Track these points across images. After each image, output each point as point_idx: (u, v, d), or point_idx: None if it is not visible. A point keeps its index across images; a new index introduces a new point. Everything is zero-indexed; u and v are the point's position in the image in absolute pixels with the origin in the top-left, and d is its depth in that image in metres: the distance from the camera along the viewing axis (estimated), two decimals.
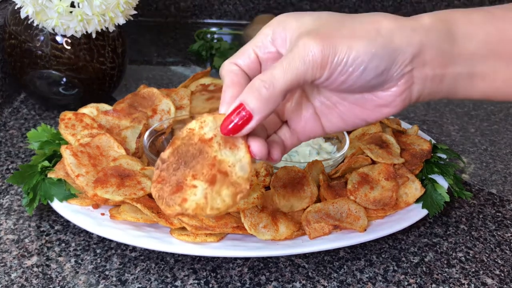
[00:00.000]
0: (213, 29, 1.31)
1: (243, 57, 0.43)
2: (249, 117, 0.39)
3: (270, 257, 0.60)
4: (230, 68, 0.43)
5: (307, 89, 0.46)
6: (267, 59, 0.43)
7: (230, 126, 0.39)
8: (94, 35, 0.82)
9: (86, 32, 0.80)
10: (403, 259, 0.61)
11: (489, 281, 0.59)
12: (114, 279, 0.56)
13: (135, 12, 0.84)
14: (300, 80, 0.39)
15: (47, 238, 0.62)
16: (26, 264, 0.58)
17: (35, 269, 0.57)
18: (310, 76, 0.39)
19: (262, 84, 0.39)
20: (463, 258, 0.62)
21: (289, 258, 0.60)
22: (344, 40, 0.39)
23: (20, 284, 0.55)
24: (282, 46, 0.42)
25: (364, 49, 0.39)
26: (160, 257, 0.60)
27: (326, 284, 0.57)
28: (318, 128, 0.46)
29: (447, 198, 0.64)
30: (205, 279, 0.57)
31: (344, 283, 0.57)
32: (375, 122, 0.46)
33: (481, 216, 0.69)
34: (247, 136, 0.41)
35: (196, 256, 0.60)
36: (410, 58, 0.41)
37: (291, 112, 0.46)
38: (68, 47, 0.82)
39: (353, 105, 0.44)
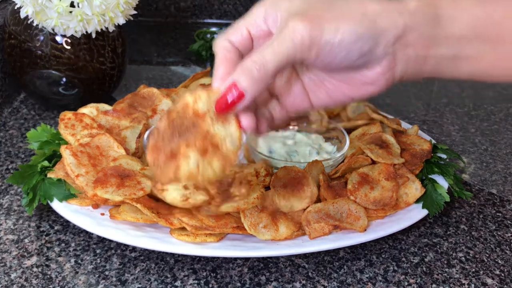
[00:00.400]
0: (213, 29, 1.31)
1: (236, 34, 0.45)
2: (241, 96, 0.41)
3: (270, 257, 0.60)
4: (223, 44, 0.44)
5: (297, 67, 0.48)
6: (259, 36, 0.45)
7: (224, 104, 0.42)
8: (94, 35, 0.82)
9: (86, 32, 0.80)
10: (403, 259, 0.61)
11: (489, 281, 0.59)
12: (114, 279, 0.56)
13: (135, 12, 0.84)
14: (289, 61, 0.41)
15: (46, 238, 0.62)
16: (26, 264, 0.58)
17: (34, 269, 0.57)
18: (299, 56, 0.41)
19: (253, 65, 0.41)
20: (463, 258, 0.62)
21: (289, 258, 0.60)
22: (332, 22, 0.41)
23: (20, 284, 0.55)
24: (273, 26, 0.44)
25: (350, 30, 0.41)
26: (160, 257, 0.60)
27: (326, 284, 0.57)
28: (306, 102, 0.48)
29: (447, 198, 0.64)
30: (205, 279, 0.57)
31: (344, 283, 0.57)
32: (360, 100, 0.48)
33: (481, 216, 0.69)
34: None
35: (196, 256, 0.60)
36: (393, 39, 0.42)
37: (281, 87, 0.48)
38: (68, 47, 0.82)
39: (340, 83, 0.46)
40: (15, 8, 0.82)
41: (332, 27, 0.41)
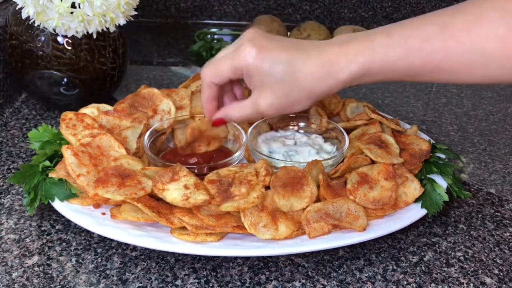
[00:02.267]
0: (213, 29, 1.31)
1: (219, 78, 0.61)
2: (224, 122, 0.65)
3: (270, 257, 0.60)
4: (208, 88, 0.63)
5: None
6: (236, 80, 0.65)
7: (216, 124, 0.66)
8: (94, 36, 0.82)
9: (87, 32, 0.80)
10: (402, 258, 0.62)
11: (488, 280, 0.59)
12: (115, 278, 0.57)
13: (136, 12, 0.84)
14: (251, 117, 0.62)
15: (48, 237, 0.62)
16: (27, 263, 0.58)
17: (36, 268, 0.58)
18: (259, 117, 0.63)
19: (230, 116, 0.64)
20: (462, 257, 0.62)
21: (289, 257, 0.61)
22: (288, 98, 0.58)
23: (21, 284, 0.55)
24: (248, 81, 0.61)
25: (301, 106, 0.60)
26: (160, 257, 0.60)
27: (325, 283, 0.57)
28: None
29: (446, 198, 0.65)
30: (205, 278, 0.57)
31: (344, 282, 0.58)
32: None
33: (480, 215, 0.70)
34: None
35: (197, 256, 0.60)
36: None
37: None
38: (69, 48, 0.82)
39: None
40: (17, 8, 0.82)
41: (285, 111, 0.59)
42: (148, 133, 0.71)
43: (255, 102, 0.59)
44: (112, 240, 0.62)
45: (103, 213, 0.60)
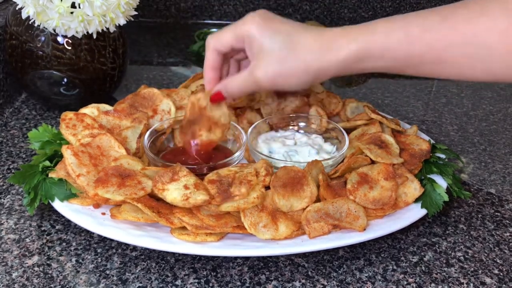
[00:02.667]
0: (213, 29, 1.31)
1: (222, 39, 0.62)
2: (222, 98, 0.65)
3: (270, 257, 0.60)
4: (212, 55, 0.63)
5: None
6: (240, 48, 0.63)
7: (214, 100, 0.65)
8: (95, 36, 0.82)
9: (87, 32, 0.80)
10: (402, 258, 0.62)
11: (488, 280, 0.59)
12: (115, 278, 0.57)
13: (136, 12, 0.84)
14: (248, 93, 0.64)
15: (48, 237, 0.62)
16: (27, 263, 0.58)
17: (36, 268, 0.58)
18: (256, 90, 0.65)
19: (227, 87, 0.63)
20: (462, 257, 0.62)
21: (289, 257, 0.61)
22: (282, 77, 0.58)
23: (21, 284, 0.55)
24: (248, 48, 0.61)
25: (295, 84, 0.59)
26: (160, 257, 0.60)
27: (325, 283, 0.57)
28: None
29: (446, 198, 0.65)
30: (205, 278, 0.57)
31: (344, 282, 0.58)
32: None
33: (480, 215, 0.70)
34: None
35: (197, 256, 0.60)
36: (325, 79, 0.59)
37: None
38: (69, 48, 0.82)
39: None
40: (17, 8, 0.82)
41: (282, 83, 0.58)
42: (148, 133, 0.71)
43: (252, 71, 0.59)
44: (112, 240, 0.62)
45: (103, 213, 0.60)
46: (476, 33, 0.49)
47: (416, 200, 0.64)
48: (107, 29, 0.82)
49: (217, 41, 0.62)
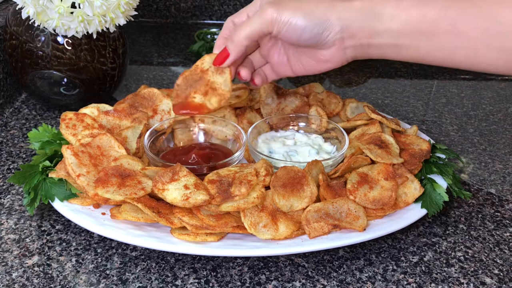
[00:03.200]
0: (213, 29, 1.31)
1: (240, 17, 0.65)
2: (227, 55, 0.63)
3: (270, 257, 0.60)
4: (227, 24, 0.66)
5: (275, 42, 0.67)
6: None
7: (218, 60, 0.64)
8: (94, 36, 0.82)
9: (87, 32, 0.80)
10: (402, 258, 0.62)
11: (488, 280, 0.59)
12: (115, 278, 0.57)
13: (136, 12, 0.84)
14: (258, 32, 0.61)
15: (48, 237, 0.62)
16: (27, 263, 0.58)
17: (36, 268, 0.58)
18: (265, 29, 0.60)
19: (234, 33, 0.62)
20: (462, 257, 0.62)
21: (289, 257, 0.61)
22: (291, 10, 0.58)
23: (21, 284, 0.55)
24: None
25: (302, 17, 0.58)
26: (160, 257, 0.60)
27: (325, 283, 0.57)
28: (288, 70, 0.68)
29: (446, 198, 0.65)
30: (205, 278, 0.57)
31: (344, 282, 0.58)
32: (325, 71, 0.65)
33: (480, 215, 0.70)
34: (236, 68, 0.67)
35: (197, 256, 0.60)
36: (339, 29, 0.58)
37: (268, 56, 0.68)
38: (69, 48, 0.82)
39: (309, 59, 0.64)
40: (17, 8, 0.82)
41: (290, 13, 0.58)
42: (148, 133, 0.71)
43: (261, 9, 0.60)
44: (112, 240, 0.62)
45: (103, 213, 0.60)
46: (491, 8, 0.50)
47: (416, 200, 0.64)
48: (107, 29, 0.82)
49: (235, 14, 0.65)
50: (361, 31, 0.57)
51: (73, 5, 0.77)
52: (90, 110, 0.73)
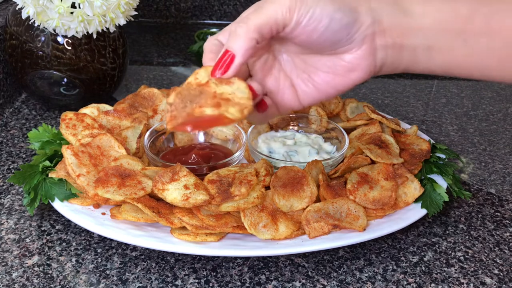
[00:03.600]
0: (213, 29, 1.31)
1: (224, 34, 0.49)
2: (233, 57, 0.45)
3: (270, 257, 0.60)
4: (211, 41, 0.49)
5: (272, 64, 0.51)
6: None
7: (220, 69, 0.46)
8: (94, 36, 0.82)
9: (87, 32, 0.80)
10: (402, 258, 0.62)
11: (488, 280, 0.59)
12: (115, 278, 0.57)
13: (136, 12, 0.84)
14: (271, 21, 0.45)
15: (48, 237, 0.62)
16: (27, 263, 0.58)
17: (36, 268, 0.58)
18: (281, 19, 0.44)
19: (237, 25, 0.45)
20: (462, 257, 0.62)
21: (289, 257, 0.61)
22: None
23: (21, 284, 0.55)
24: None
25: (330, 6, 0.45)
26: (160, 257, 0.60)
27: (325, 283, 0.57)
28: (295, 100, 0.52)
29: (446, 198, 0.65)
30: (205, 279, 0.57)
31: (344, 282, 0.58)
32: (346, 91, 0.50)
33: (480, 215, 0.70)
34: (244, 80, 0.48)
35: (197, 256, 0.60)
36: (370, 21, 0.46)
37: (261, 83, 0.50)
38: (69, 48, 0.82)
39: (324, 74, 0.50)
40: (17, 8, 0.82)
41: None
42: (148, 133, 0.71)
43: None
44: (112, 240, 0.62)
45: (103, 213, 0.60)
46: None
47: (416, 200, 0.64)
48: (107, 29, 0.82)
49: (220, 32, 0.50)
50: (393, 27, 0.47)
51: (73, 5, 0.77)
52: (90, 110, 0.73)
